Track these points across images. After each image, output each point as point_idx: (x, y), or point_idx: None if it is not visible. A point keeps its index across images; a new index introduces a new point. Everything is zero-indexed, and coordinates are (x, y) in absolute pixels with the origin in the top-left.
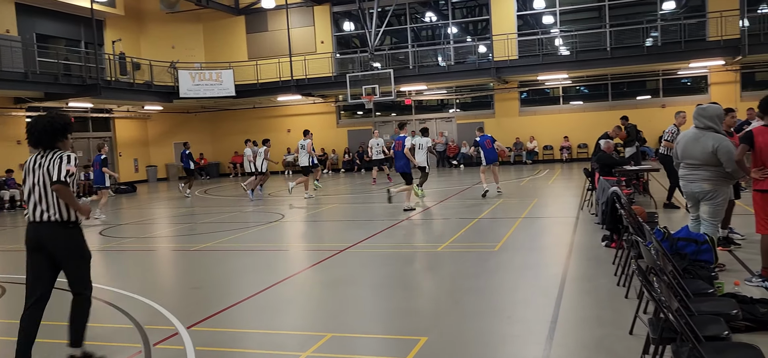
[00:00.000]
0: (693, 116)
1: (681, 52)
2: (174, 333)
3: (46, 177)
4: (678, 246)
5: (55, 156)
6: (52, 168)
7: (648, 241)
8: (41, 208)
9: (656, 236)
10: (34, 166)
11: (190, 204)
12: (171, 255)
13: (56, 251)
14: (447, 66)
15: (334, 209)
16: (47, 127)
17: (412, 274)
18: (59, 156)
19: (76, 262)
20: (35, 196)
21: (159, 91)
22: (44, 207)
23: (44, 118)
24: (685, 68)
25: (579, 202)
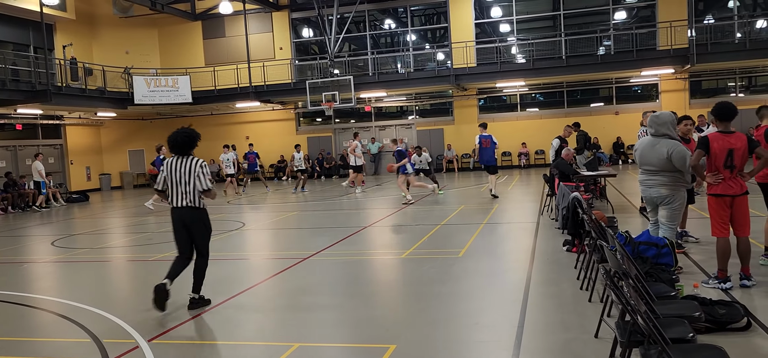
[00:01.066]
0: (647, 124)
1: (633, 60)
2: (134, 347)
3: (188, 177)
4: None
5: (195, 164)
6: (201, 177)
7: (612, 245)
8: (182, 197)
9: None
10: (177, 166)
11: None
12: (127, 266)
13: (192, 226)
14: (406, 73)
15: (296, 216)
16: (186, 140)
17: (378, 281)
18: (200, 165)
19: (203, 233)
20: (181, 188)
21: (113, 97)
22: (184, 197)
23: (182, 132)
24: (636, 76)
25: (539, 207)
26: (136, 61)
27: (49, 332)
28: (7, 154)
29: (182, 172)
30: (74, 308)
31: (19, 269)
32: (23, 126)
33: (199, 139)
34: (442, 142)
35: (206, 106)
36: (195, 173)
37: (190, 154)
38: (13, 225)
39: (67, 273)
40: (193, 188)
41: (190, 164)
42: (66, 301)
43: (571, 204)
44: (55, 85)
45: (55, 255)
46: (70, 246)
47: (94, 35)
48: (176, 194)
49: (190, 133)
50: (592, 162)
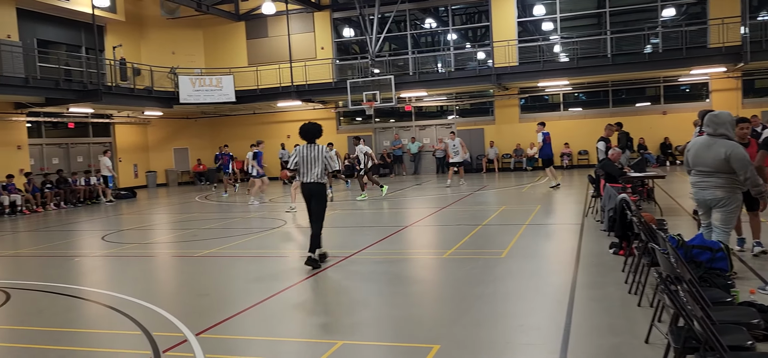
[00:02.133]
0: (704, 123)
1: (682, 59)
2: (183, 340)
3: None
4: (693, 254)
5: (321, 151)
6: (327, 160)
7: (663, 248)
8: (311, 175)
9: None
10: (307, 152)
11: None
12: (175, 261)
13: (313, 197)
14: (447, 72)
15: (337, 215)
16: (315, 130)
17: (420, 281)
18: (324, 151)
19: (321, 203)
20: (308, 168)
21: (159, 96)
22: (312, 174)
23: (312, 124)
24: (686, 75)
25: (583, 209)
26: (182, 61)
27: (101, 324)
28: (60, 152)
29: (311, 157)
30: (124, 301)
31: (71, 263)
32: (75, 124)
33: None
34: (483, 142)
35: (249, 106)
36: (322, 157)
37: (315, 143)
38: (66, 220)
39: (116, 267)
40: (319, 168)
41: (317, 150)
42: (116, 294)
43: (618, 206)
44: (105, 84)
45: (106, 249)
46: (119, 241)
47: (142, 36)
48: (306, 172)
49: (318, 125)
50: (640, 163)
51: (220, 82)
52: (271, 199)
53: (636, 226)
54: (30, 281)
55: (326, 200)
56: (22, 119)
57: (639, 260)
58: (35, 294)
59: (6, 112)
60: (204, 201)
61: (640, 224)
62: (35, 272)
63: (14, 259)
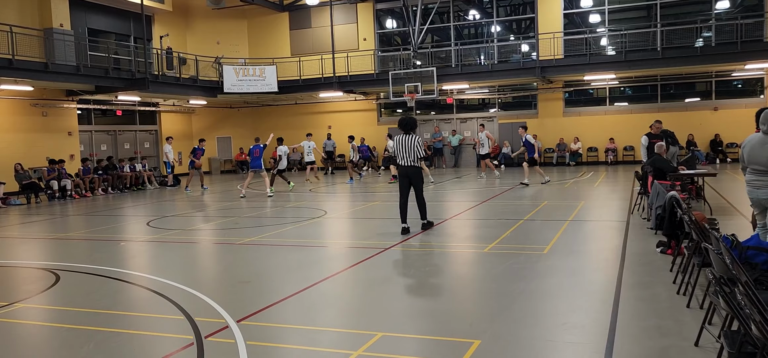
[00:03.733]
0: (760, 121)
1: (736, 52)
2: (224, 326)
3: (410, 148)
4: (747, 255)
5: (415, 140)
6: (418, 147)
7: (717, 248)
8: (407, 159)
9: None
10: (404, 140)
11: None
12: (216, 248)
13: (411, 177)
14: (490, 65)
15: (376, 206)
16: (411, 123)
17: (460, 275)
18: (417, 140)
19: (418, 181)
20: (406, 154)
21: (204, 85)
22: (408, 159)
23: (409, 118)
24: (740, 70)
25: (628, 206)
26: (226, 51)
27: (145, 308)
28: (108, 139)
29: (407, 145)
30: (168, 286)
31: (117, 247)
32: (123, 112)
33: (417, 125)
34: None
35: (291, 96)
36: (414, 145)
37: (411, 133)
38: (113, 205)
39: (161, 252)
40: (413, 154)
41: (412, 140)
42: (160, 278)
43: (668, 203)
44: (152, 73)
45: (150, 235)
46: (163, 227)
47: (188, 26)
48: (404, 157)
49: (414, 119)
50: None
51: (264, 72)
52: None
53: (687, 224)
54: (79, 263)
55: (421, 178)
56: (73, 106)
57: (689, 260)
58: (83, 276)
59: (58, 99)
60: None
61: (692, 223)
62: (84, 255)
63: (64, 242)
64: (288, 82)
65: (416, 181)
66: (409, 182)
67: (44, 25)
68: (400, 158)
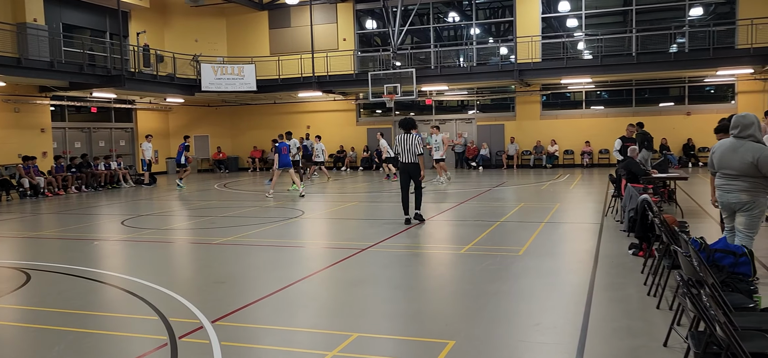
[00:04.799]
0: (731, 125)
1: (709, 59)
2: (199, 327)
3: (410, 145)
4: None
5: (414, 138)
6: (417, 145)
7: (686, 251)
8: (407, 156)
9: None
10: (405, 138)
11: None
12: (192, 248)
13: (411, 172)
14: (469, 67)
15: (353, 207)
16: (411, 123)
17: (436, 275)
18: (417, 138)
19: (417, 175)
20: (405, 151)
21: (181, 83)
22: (408, 156)
23: (409, 118)
24: (712, 76)
25: (602, 208)
26: (205, 49)
27: (118, 308)
28: (82, 136)
29: (408, 143)
30: (142, 286)
31: (90, 246)
32: (98, 109)
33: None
34: (503, 138)
35: (270, 95)
36: (414, 143)
37: (411, 132)
38: (86, 204)
39: (135, 252)
40: (413, 151)
41: (412, 138)
42: (134, 278)
43: (640, 206)
44: (129, 70)
45: (125, 234)
46: (138, 226)
47: (166, 23)
48: (404, 154)
49: (413, 119)
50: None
51: (242, 70)
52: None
53: (658, 227)
54: (50, 262)
55: (419, 172)
56: (46, 103)
57: (659, 262)
58: (55, 276)
59: (31, 95)
60: (223, 189)
61: (662, 226)
62: (56, 255)
63: (36, 241)
64: (267, 82)
65: (415, 175)
66: (409, 176)
67: (17, 19)
68: (401, 155)
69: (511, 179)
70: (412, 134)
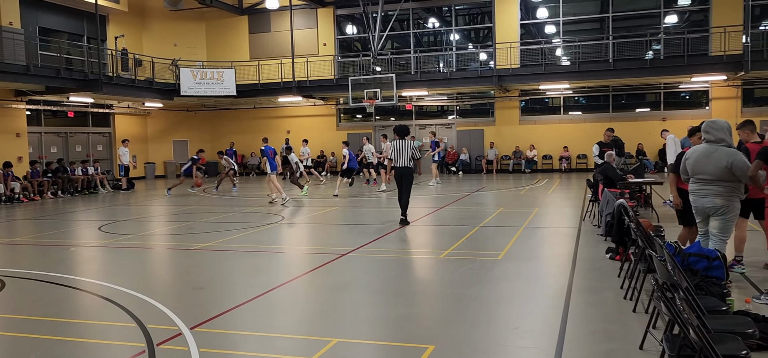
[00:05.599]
0: (702, 130)
1: (683, 66)
2: (177, 334)
3: (404, 151)
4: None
5: (409, 144)
6: (414, 150)
7: (660, 255)
8: (401, 160)
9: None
10: (400, 144)
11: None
12: (171, 254)
13: (404, 177)
14: (449, 72)
15: (334, 212)
16: (405, 130)
17: (416, 280)
18: (411, 145)
19: (409, 182)
20: (399, 156)
21: (160, 88)
22: (402, 160)
23: (403, 125)
24: (687, 82)
25: (580, 213)
26: (184, 53)
27: (95, 315)
28: (59, 141)
29: (402, 148)
30: (119, 292)
31: (67, 252)
32: (74, 113)
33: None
34: (482, 143)
35: (250, 100)
36: (408, 148)
37: (405, 137)
38: (63, 209)
39: (112, 258)
40: (407, 156)
41: (406, 144)
42: (111, 285)
43: (616, 211)
44: (107, 74)
45: (102, 240)
46: (116, 232)
47: (144, 27)
48: (398, 159)
49: (407, 126)
50: (638, 169)
51: (222, 75)
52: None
53: (633, 231)
54: (26, 269)
55: (412, 178)
56: (22, 107)
57: (635, 266)
58: (30, 283)
59: (6, 100)
60: (202, 194)
61: (638, 230)
62: (31, 261)
63: (10, 247)
64: (246, 86)
65: (408, 180)
66: (402, 179)
67: None
68: (396, 160)
69: (491, 184)
70: (406, 140)
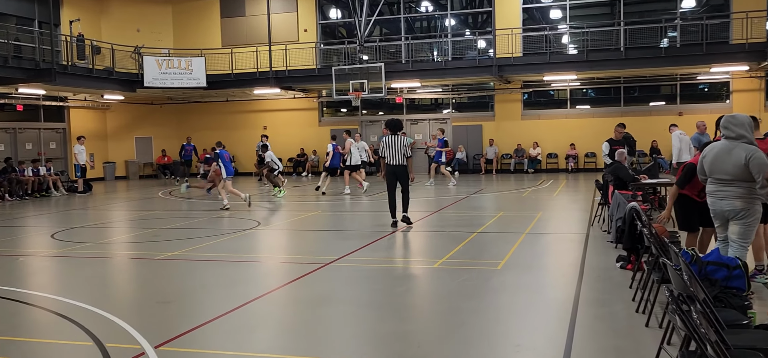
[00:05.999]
0: (721, 126)
1: (702, 55)
2: (140, 353)
3: (398, 147)
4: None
5: (402, 141)
6: (406, 148)
7: (676, 264)
8: (395, 159)
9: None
10: (392, 141)
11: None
12: (133, 264)
13: (399, 176)
14: (443, 62)
15: (315, 217)
16: (398, 125)
17: (407, 293)
18: (406, 141)
19: (405, 179)
20: (393, 154)
21: (121, 78)
22: (396, 158)
23: (396, 119)
24: (705, 73)
25: (588, 217)
26: (148, 40)
27: (47, 333)
28: (6, 137)
29: (396, 145)
30: (75, 308)
31: (15, 263)
32: (24, 107)
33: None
34: (481, 140)
35: (222, 92)
36: (402, 145)
37: (398, 134)
38: (11, 214)
39: (67, 269)
40: (402, 154)
41: (400, 140)
42: (66, 299)
43: (628, 215)
44: (60, 63)
45: (55, 249)
46: (71, 239)
47: (103, 10)
48: (392, 157)
49: (400, 121)
50: (652, 168)
51: (190, 64)
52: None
53: (647, 238)
54: None
55: (408, 175)
56: None
57: (648, 276)
58: None
59: None
60: (168, 197)
61: (651, 237)
62: None
63: None
64: (218, 77)
65: (403, 178)
66: (397, 179)
67: None
68: (388, 158)
69: (490, 185)
70: (399, 136)
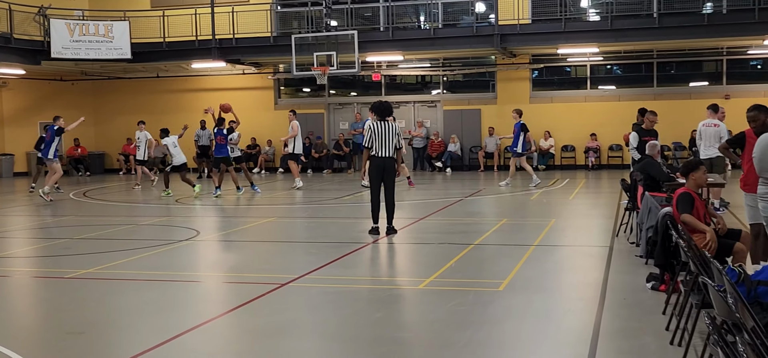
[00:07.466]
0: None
1: (754, 23)
2: None
3: (390, 136)
4: (757, 292)
5: (393, 128)
6: (397, 137)
7: (719, 284)
8: (386, 150)
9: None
10: (381, 128)
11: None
12: (36, 284)
13: (386, 171)
14: (432, 30)
15: (271, 224)
16: (387, 108)
17: (385, 321)
18: (396, 130)
19: (392, 176)
20: (383, 144)
21: (21, 48)
22: (386, 150)
23: (384, 102)
24: (758, 46)
25: (612, 226)
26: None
27: None
28: None
29: (387, 133)
30: None
31: None
32: None
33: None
34: (479, 129)
35: (151, 66)
36: (393, 132)
37: (386, 119)
38: None
39: None
40: (392, 144)
41: (392, 127)
42: None
43: (660, 224)
44: None
45: None
46: None
47: None
48: (380, 147)
49: (389, 104)
50: None
51: (111, 30)
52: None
53: (684, 252)
54: None
55: (396, 170)
56: None
57: (686, 300)
58: None
59: None
60: (83, 199)
61: (689, 250)
62: None
63: None
64: (147, 46)
65: (390, 175)
66: (383, 175)
67: None
68: (376, 148)
69: (490, 185)
70: (388, 122)
